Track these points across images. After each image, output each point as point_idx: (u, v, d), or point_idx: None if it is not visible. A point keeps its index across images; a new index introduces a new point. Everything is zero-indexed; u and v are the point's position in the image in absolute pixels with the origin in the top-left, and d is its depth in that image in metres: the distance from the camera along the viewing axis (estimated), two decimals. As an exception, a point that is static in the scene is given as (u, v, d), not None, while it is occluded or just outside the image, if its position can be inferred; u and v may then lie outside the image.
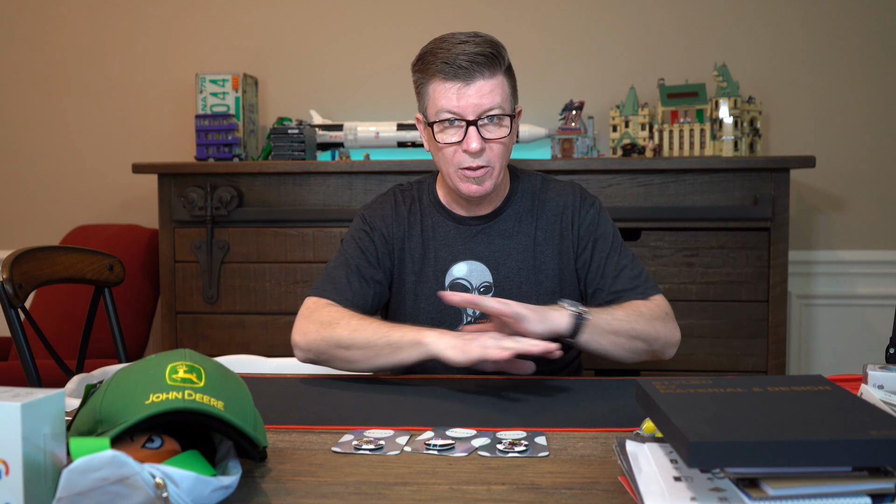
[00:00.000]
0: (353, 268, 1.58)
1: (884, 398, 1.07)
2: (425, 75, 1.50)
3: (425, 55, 1.50)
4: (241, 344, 2.57)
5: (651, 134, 2.64)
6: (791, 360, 2.82)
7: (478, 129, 1.47)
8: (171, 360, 0.92)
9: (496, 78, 1.48)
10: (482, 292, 1.58)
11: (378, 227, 1.62)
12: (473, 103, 1.46)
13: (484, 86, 1.46)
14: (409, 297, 1.62)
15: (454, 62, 1.45)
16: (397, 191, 1.69)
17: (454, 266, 1.59)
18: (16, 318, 1.60)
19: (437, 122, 1.49)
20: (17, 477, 0.76)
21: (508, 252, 1.59)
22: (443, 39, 1.49)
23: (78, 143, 3.11)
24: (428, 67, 1.49)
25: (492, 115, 1.47)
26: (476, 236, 1.60)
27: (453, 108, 1.47)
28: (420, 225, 1.63)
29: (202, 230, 2.57)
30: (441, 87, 1.48)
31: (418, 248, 1.61)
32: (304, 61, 3.00)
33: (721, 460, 0.77)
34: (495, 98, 1.47)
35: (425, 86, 1.51)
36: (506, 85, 1.50)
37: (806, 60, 2.82)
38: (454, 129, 1.49)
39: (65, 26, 3.09)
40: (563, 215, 1.61)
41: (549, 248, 1.60)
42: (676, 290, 2.45)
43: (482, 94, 1.46)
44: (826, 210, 2.85)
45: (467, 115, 1.47)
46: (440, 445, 1.07)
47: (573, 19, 2.89)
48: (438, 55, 1.47)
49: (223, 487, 0.85)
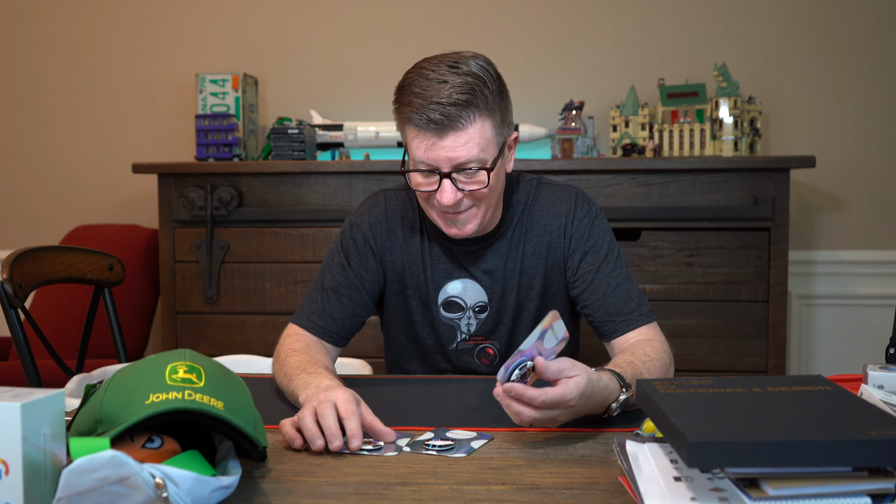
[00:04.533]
0: (329, 291, 1.53)
1: (884, 398, 1.07)
2: (400, 116, 1.41)
3: (401, 91, 1.40)
4: (241, 344, 2.57)
5: (651, 134, 2.64)
6: (791, 360, 2.82)
7: (453, 181, 1.38)
8: (171, 360, 0.92)
9: (473, 126, 1.35)
10: (476, 312, 1.55)
11: (366, 238, 1.56)
12: (446, 156, 1.36)
13: (459, 138, 1.35)
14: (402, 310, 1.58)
15: (426, 114, 1.34)
16: (389, 195, 1.60)
17: (448, 284, 1.55)
18: (16, 318, 1.60)
19: (413, 170, 1.41)
20: (17, 477, 0.76)
21: (503, 270, 1.54)
22: (419, 73, 1.38)
23: (78, 143, 3.11)
24: (402, 109, 1.39)
25: (468, 168, 1.37)
26: (471, 254, 1.54)
27: (427, 159, 1.37)
28: (418, 236, 1.56)
29: (202, 230, 2.57)
30: (414, 136, 1.38)
31: (415, 259, 1.56)
32: (304, 61, 3.00)
33: (721, 460, 0.77)
34: (471, 150, 1.35)
35: (401, 124, 1.42)
36: (487, 128, 1.37)
37: (806, 60, 2.82)
38: (430, 177, 1.40)
39: (65, 26, 3.09)
40: (552, 225, 1.53)
41: (537, 261, 1.54)
42: (676, 290, 2.45)
43: (456, 146, 1.35)
44: (826, 210, 2.85)
45: (442, 167, 1.37)
46: (440, 446, 1.07)
47: (573, 19, 2.89)
48: (413, 99, 1.36)
49: (223, 487, 0.85)
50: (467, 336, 1.57)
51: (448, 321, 1.56)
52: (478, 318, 1.56)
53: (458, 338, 1.57)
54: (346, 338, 1.54)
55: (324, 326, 1.51)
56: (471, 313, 1.56)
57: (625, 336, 1.45)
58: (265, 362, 1.84)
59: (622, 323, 1.46)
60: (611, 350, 1.49)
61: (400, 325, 1.60)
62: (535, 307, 1.55)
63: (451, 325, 1.56)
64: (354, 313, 1.54)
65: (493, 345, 1.57)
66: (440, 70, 1.36)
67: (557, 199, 1.55)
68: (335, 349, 1.53)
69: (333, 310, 1.52)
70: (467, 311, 1.56)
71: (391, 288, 1.58)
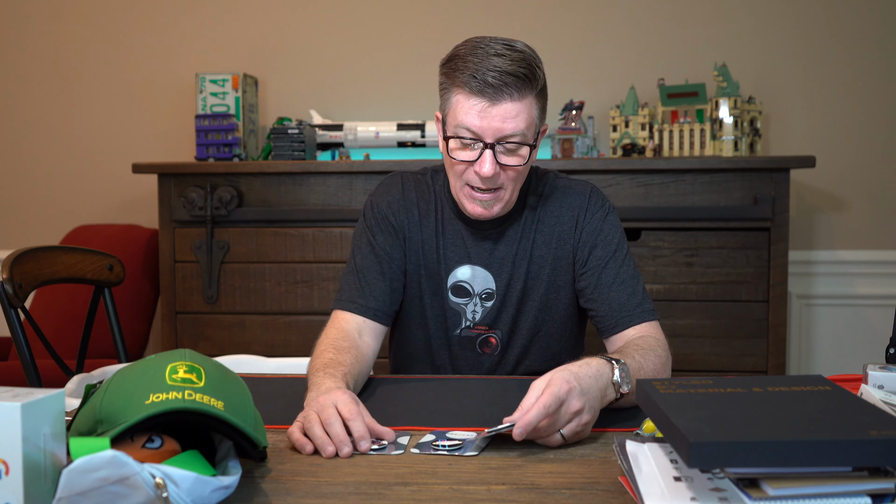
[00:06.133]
0: (365, 270, 1.54)
1: (884, 398, 1.07)
2: (451, 81, 1.40)
3: (455, 59, 1.39)
4: (241, 344, 2.57)
5: (651, 134, 2.64)
6: (791, 360, 2.82)
7: (494, 154, 1.38)
8: (171, 360, 0.92)
9: (525, 100, 1.37)
10: (483, 299, 1.56)
11: (386, 216, 1.57)
12: (495, 126, 1.36)
13: (510, 109, 1.35)
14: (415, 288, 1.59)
15: (483, 77, 1.34)
16: (406, 176, 1.61)
17: (458, 268, 1.56)
18: (16, 318, 1.60)
19: (454, 136, 1.40)
20: (17, 477, 0.76)
21: (512, 259, 1.55)
22: (476, 45, 1.38)
23: (78, 143, 3.11)
24: (455, 74, 1.38)
25: (512, 141, 1.38)
26: (483, 241, 1.55)
27: (473, 126, 1.36)
28: (434, 216, 1.57)
29: (202, 230, 2.57)
30: (465, 100, 1.37)
31: (430, 240, 1.57)
32: (304, 61, 3.00)
33: (721, 460, 0.77)
34: (519, 124, 1.36)
35: (449, 91, 1.41)
36: (534, 108, 1.39)
37: (806, 60, 2.82)
38: (470, 148, 1.40)
39: (65, 26, 3.09)
40: (565, 216, 1.55)
41: (546, 251, 1.55)
42: (676, 290, 2.45)
43: (506, 117, 1.36)
44: (826, 210, 2.85)
45: (486, 136, 1.37)
46: (449, 446, 1.07)
47: (573, 19, 2.89)
48: (469, 64, 1.36)
49: (223, 487, 0.85)
50: (471, 324, 1.57)
51: (455, 305, 1.57)
52: (484, 305, 1.57)
53: (463, 324, 1.57)
54: (389, 315, 1.54)
55: (367, 305, 1.51)
56: (477, 300, 1.57)
57: (624, 332, 1.46)
58: (265, 362, 1.84)
59: (623, 319, 1.46)
60: (609, 347, 1.49)
61: (410, 306, 1.60)
62: (540, 297, 1.56)
63: (457, 309, 1.57)
64: (392, 288, 1.55)
65: (496, 334, 1.58)
66: (496, 45, 1.38)
67: (572, 193, 1.57)
68: (382, 328, 1.53)
69: (373, 287, 1.52)
70: (474, 297, 1.57)
71: (408, 266, 1.58)
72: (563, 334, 1.60)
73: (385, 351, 1.69)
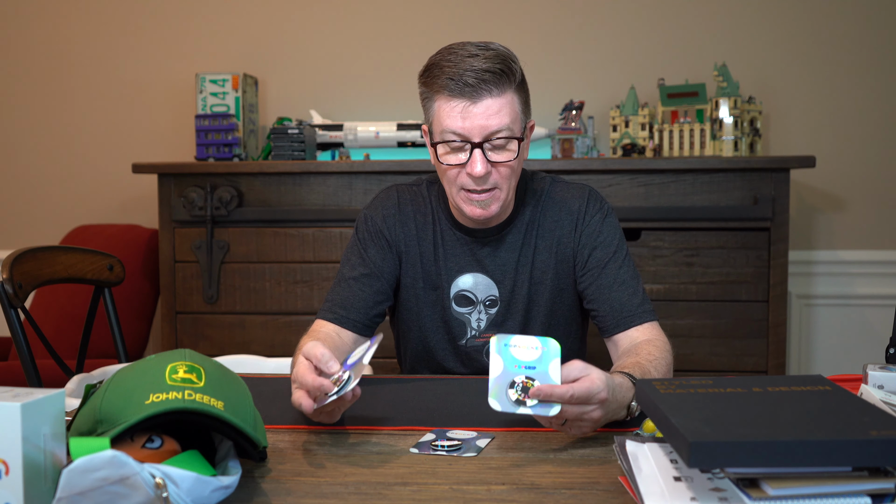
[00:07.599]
0: (350, 281, 1.54)
1: (884, 398, 1.07)
2: (430, 89, 1.42)
3: (431, 67, 1.41)
4: (241, 344, 2.57)
5: (651, 134, 2.64)
6: (791, 360, 2.82)
7: (483, 152, 1.39)
8: (171, 360, 0.92)
9: (505, 96, 1.38)
10: (487, 306, 1.56)
11: (381, 230, 1.57)
12: (479, 124, 1.37)
13: (492, 105, 1.37)
14: (413, 302, 1.59)
15: (460, 78, 1.36)
16: (402, 189, 1.62)
17: (460, 277, 1.56)
18: (16, 318, 1.60)
19: (441, 142, 1.41)
20: (17, 477, 0.76)
21: (514, 265, 1.55)
22: (451, 51, 1.40)
23: (78, 143, 3.11)
24: (433, 81, 1.40)
25: (499, 137, 1.39)
26: (483, 248, 1.55)
27: (458, 128, 1.38)
28: (431, 228, 1.57)
29: (202, 230, 2.57)
30: (446, 105, 1.39)
31: (428, 252, 1.57)
32: (304, 61, 3.00)
33: (721, 460, 0.77)
34: (503, 119, 1.38)
35: (430, 101, 1.43)
36: (516, 102, 1.41)
37: (806, 60, 2.82)
38: (459, 151, 1.41)
39: (65, 26, 3.09)
40: (564, 220, 1.55)
41: (548, 255, 1.55)
42: (676, 290, 2.45)
43: (489, 114, 1.37)
44: (826, 210, 2.85)
45: (473, 136, 1.38)
46: (448, 446, 1.07)
47: (573, 19, 2.89)
48: (445, 69, 1.38)
49: (223, 487, 0.85)
50: (477, 333, 1.57)
51: (459, 315, 1.57)
52: (488, 312, 1.56)
53: (469, 334, 1.58)
54: (368, 326, 1.54)
55: (346, 316, 1.51)
56: (481, 307, 1.57)
57: (626, 332, 1.46)
58: (265, 362, 1.84)
59: (625, 319, 1.47)
60: (611, 347, 1.50)
61: (411, 319, 1.60)
62: (546, 302, 1.56)
63: (461, 319, 1.57)
64: (375, 300, 1.54)
65: None
66: (469, 48, 1.40)
67: (570, 196, 1.57)
68: (358, 338, 1.52)
69: (354, 298, 1.53)
70: (478, 305, 1.57)
71: (405, 280, 1.59)
72: (570, 336, 1.60)
73: (385, 351, 1.69)
